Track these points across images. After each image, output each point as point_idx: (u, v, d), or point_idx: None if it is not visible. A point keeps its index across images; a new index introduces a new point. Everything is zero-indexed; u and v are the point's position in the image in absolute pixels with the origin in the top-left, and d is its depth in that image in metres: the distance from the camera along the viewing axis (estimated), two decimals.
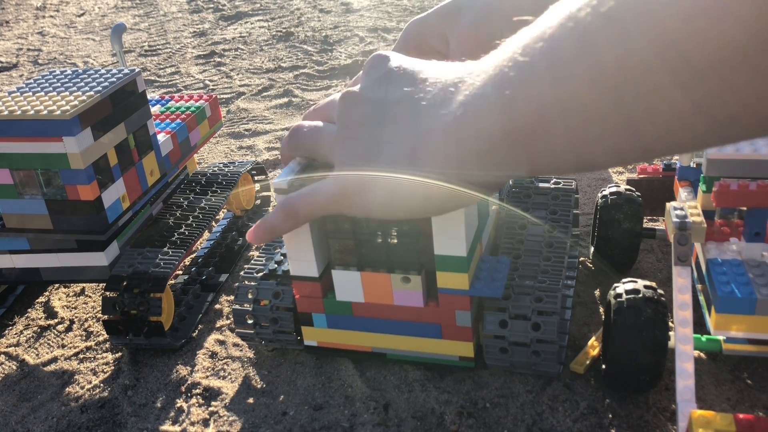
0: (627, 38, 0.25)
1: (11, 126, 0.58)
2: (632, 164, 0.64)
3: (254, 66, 1.41)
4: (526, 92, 0.29)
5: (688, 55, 0.23)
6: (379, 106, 0.39)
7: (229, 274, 0.72)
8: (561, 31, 0.27)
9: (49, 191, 0.60)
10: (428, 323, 0.52)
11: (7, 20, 2.07)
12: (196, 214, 0.70)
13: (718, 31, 0.22)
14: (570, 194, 0.62)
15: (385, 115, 0.38)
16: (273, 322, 0.56)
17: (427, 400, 0.53)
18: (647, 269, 0.66)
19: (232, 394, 0.56)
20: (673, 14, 0.23)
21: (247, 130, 1.10)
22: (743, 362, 0.54)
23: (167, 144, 0.72)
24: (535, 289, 0.51)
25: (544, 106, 0.29)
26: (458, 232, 0.47)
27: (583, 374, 0.54)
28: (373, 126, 0.39)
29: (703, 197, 0.55)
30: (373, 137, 0.38)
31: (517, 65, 0.30)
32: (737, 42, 0.22)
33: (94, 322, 0.67)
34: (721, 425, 0.42)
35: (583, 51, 0.26)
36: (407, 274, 0.50)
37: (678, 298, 0.48)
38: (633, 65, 0.25)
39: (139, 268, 0.61)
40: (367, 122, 0.39)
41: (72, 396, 0.58)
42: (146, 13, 1.97)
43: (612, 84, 0.26)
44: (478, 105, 0.32)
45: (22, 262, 0.65)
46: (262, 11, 1.83)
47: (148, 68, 1.48)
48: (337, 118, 0.41)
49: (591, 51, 0.26)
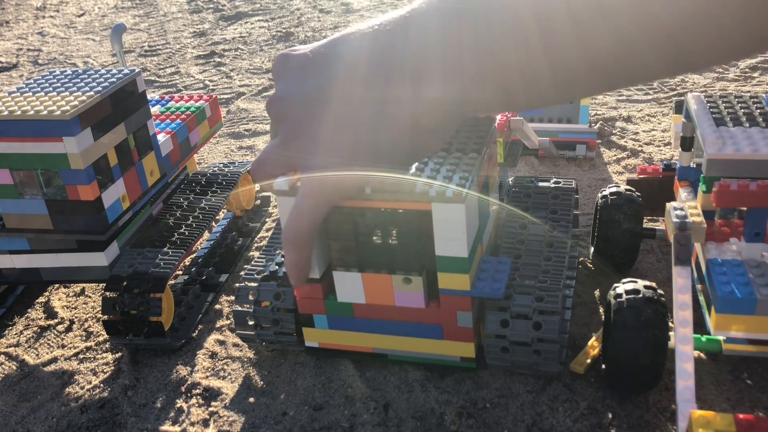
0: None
1: (11, 126, 0.58)
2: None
3: (254, 66, 1.41)
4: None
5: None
6: (301, 97, 0.41)
7: (229, 275, 0.72)
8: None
9: (49, 191, 0.60)
10: (429, 324, 0.52)
11: (7, 20, 2.07)
12: (196, 214, 0.70)
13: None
14: (570, 194, 0.62)
15: (308, 104, 0.40)
16: (274, 323, 0.56)
17: (427, 400, 0.53)
18: (647, 269, 0.66)
19: (232, 394, 0.56)
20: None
21: (247, 130, 1.10)
22: (743, 362, 0.54)
23: (167, 144, 0.72)
24: (536, 289, 0.51)
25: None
26: (459, 234, 0.47)
27: (583, 374, 0.54)
28: (301, 119, 0.41)
29: (703, 197, 0.55)
30: (308, 129, 0.40)
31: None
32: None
33: (94, 322, 0.67)
34: (721, 425, 0.42)
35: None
36: (408, 275, 0.50)
37: (678, 298, 0.48)
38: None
39: (139, 268, 0.61)
40: (298, 116, 0.41)
41: (72, 396, 0.58)
42: (146, 13, 1.97)
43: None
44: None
45: (22, 262, 0.65)
46: (262, 11, 1.83)
47: (148, 68, 1.48)
48: (277, 127, 0.43)
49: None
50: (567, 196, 0.62)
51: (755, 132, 0.54)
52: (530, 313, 0.50)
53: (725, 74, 1.12)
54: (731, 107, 0.58)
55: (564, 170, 0.87)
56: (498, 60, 0.33)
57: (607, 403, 0.51)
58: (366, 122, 0.39)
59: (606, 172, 0.86)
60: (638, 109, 1.02)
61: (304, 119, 0.40)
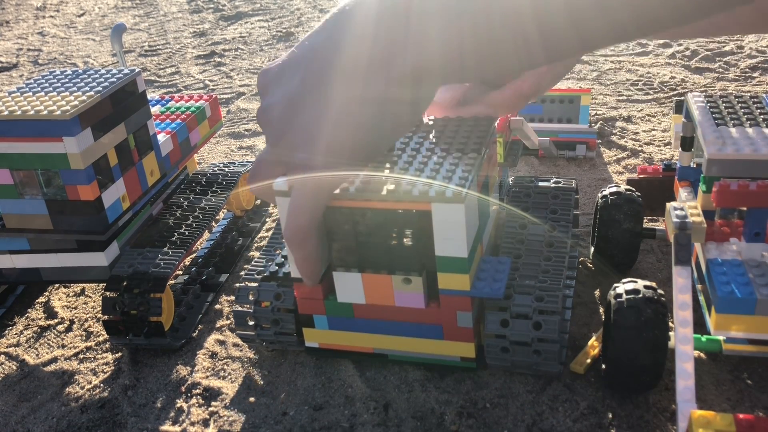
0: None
1: (11, 126, 0.58)
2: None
3: (254, 66, 1.41)
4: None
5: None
6: (281, 100, 0.42)
7: (229, 274, 0.72)
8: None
9: (49, 191, 0.60)
10: (429, 324, 0.52)
11: (7, 20, 2.07)
12: (196, 214, 0.70)
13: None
14: (570, 194, 0.62)
15: (288, 104, 0.41)
16: (274, 323, 0.56)
17: (427, 400, 0.53)
18: (647, 269, 0.66)
19: (232, 394, 0.56)
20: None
21: (247, 130, 1.10)
22: (743, 362, 0.54)
23: (167, 144, 0.72)
24: (536, 289, 0.51)
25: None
26: (459, 234, 0.47)
27: (583, 374, 0.54)
28: (283, 119, 0.41)
29: (703, 197, 0.55)
30: (291, 127, 0.41)
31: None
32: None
33: (94, 322, 0.67)
34: (721, 425, 0.42)
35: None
36: (408, 275, 0.50)
37: (678, 298, 0.48)
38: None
39: (139, 268, 0.61)
40: (280, 117, 0.42)
41: (72, 396, 0.58)
42: (146, 13, 1.97)
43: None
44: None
45: (22, 262, 0.65)
46: (262, 11, 1.83)
47: (148, 68, 1.48)
48: (268, 137, 0.44)
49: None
50: (567, 196, 0.62)
51: (755, 132, 0.54)
52: (530, 312, 0.50)
53: (725, 74, 1.12)
54: (731, 107, 0.58)
55: (564, 170, 0.87)
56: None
57: (607, 403, 0.51)
58: (338, 114, 0.40)
59: (606, 172, 0.86)
60: (638, 109, 1.02)
61: (286, 119, 0.41)
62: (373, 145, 0.42)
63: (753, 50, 1.20)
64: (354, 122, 0.40)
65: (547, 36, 0.33)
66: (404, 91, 0.38)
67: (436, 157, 0.50)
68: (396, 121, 0.41)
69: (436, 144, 0.52)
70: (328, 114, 0.39)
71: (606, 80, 1.15)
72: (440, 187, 0.46)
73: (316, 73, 0.40)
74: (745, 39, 1.25)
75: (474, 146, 0.51)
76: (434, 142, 0.52)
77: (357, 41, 0.38)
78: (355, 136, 0.40)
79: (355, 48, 0.38)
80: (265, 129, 0.43)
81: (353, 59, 0.38)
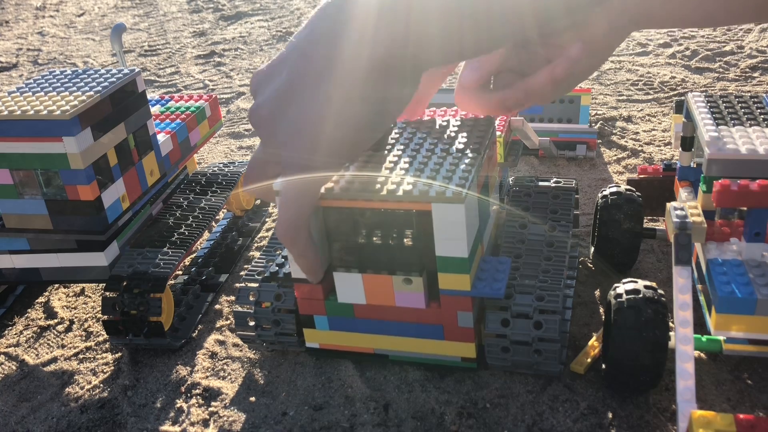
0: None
1: (11, 126, 0.58)
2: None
3: (254, 66, 1.41)
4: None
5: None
6: (270, 100, 0.42)
7: (229, 275, 0.72)
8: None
9: (49, 191, 0.60)
10: (430, 324, 0.52)
11: (7, 20, 2.07)
12: (196, 214, 0.70)
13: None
14: (570, 194, 0.62)
15: (275, 103, 0.42)
16: (275, 324, 0.56)
17: (427, 400, 0.53)
18: (647, 269, 0.66)
19: (232, 394, 0.56)
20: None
21: (247, 130, 1.10)
22: (743, 362, 0.54)
23: (167, 144, 0.72)
24: (536, 288, 0.51)
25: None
26: (459, 234, 0.47)
27: (583, 374, 0.54)
28: (271, 117, 0.42)
29: (703, 197, 0.55)
30: (279, 125, 0.42)
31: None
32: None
33: (94, 322, 0.67)
34: (721, 425, 0.42)
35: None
36: (409, 275, 0.50)
37: (678, 298, 0.48)
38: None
39: (139, 268, 0.61)
40: (269, 116, 0.42)
41: (72, 396, 0.58)
42: (146, 13, 1.97)
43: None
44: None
45: (22, 262, 0.65)
46: (262, 11, 1.83)
47: (148, 68, 1.48)
48: (260, 136, 0.44)
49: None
50: (567, 195, 0.62)
51: (755, 132, 0.54)
52: (531, 312, 0.50)
53: (725, 74, 1.12)
54: (731, 107, 0.58)
55: (564, 170, 0.87)
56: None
57: (607, 403, 0.51)
58: (320, 108, 0.40)
59: (606, 172, 0.86)
60: (638, 109, 1.02)
61: (274, 116, 0.42)
62: (365, 142, 0.42)
63: (753, 50, 1.20)
64: (353, 121, 0.40)
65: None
66: (404, 84, 0.39)
67: (437, 157, 0.50)
68: (390, 117, 0.41)
69: (436, 144, 0.52)
70: (325, 112, 0.40)
71: (606, 80, 1.15)
72: (440, 187, 0.46)
73: (301, 70, 0.40)
74: (746, 39, 1.25)
75: (474, 146, 0.51)
76: (434, 142, 0.52)
77: (349, 31, 0.38)
78: (355, 135, 0.41)
79: (349, 40, 0.38)
80: (257, 128, 0.44)
81: (351, 55, 0.38)
